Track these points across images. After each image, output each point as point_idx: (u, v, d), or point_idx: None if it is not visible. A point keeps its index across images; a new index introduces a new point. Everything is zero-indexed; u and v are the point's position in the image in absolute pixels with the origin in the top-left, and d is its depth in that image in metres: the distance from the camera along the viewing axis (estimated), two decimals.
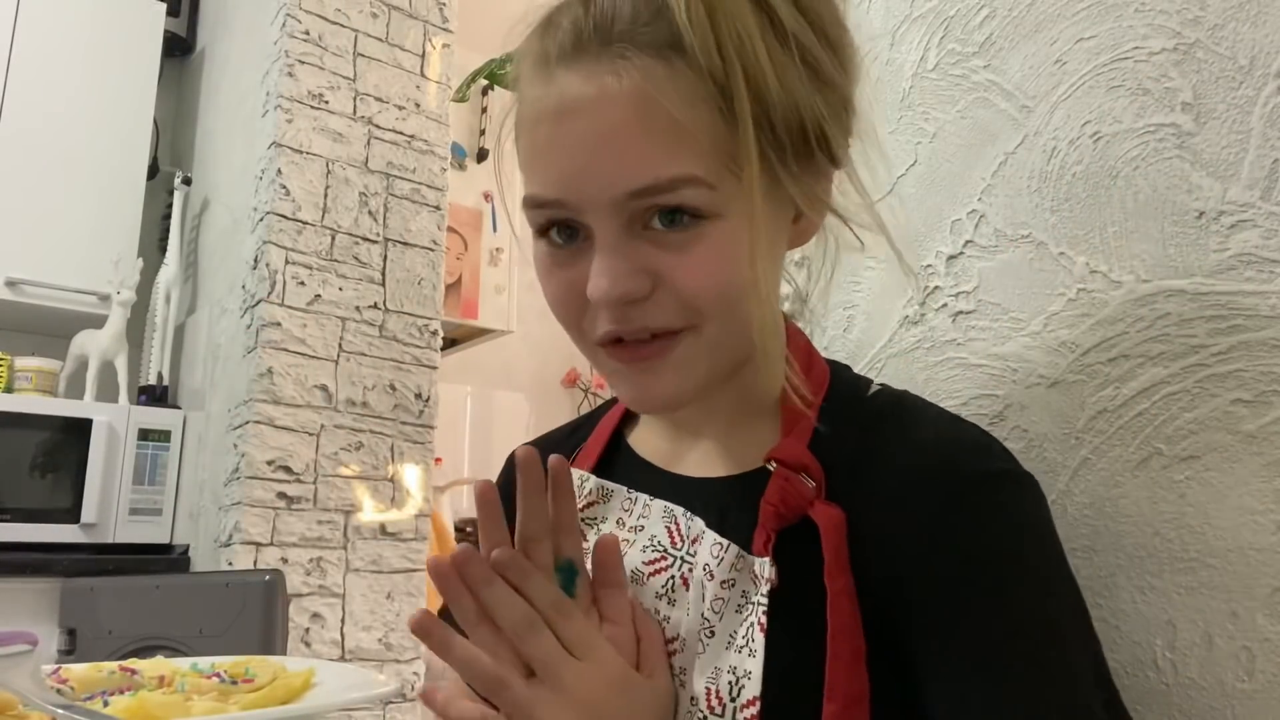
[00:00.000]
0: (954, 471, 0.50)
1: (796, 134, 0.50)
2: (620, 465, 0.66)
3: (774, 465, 0.53)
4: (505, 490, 0.70)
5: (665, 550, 0.57)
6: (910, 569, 0.49)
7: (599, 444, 0.67)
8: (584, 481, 0.64)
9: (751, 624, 0.51)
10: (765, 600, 0.50)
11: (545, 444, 0.74)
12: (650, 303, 0.51)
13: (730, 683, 0.50)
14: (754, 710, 0.49)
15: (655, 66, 0.47)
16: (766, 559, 0.51)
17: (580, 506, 0.63)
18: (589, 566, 0.55)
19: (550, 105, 0.50)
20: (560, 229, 0.52)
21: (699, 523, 0.56)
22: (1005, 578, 0.48)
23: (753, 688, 0.49)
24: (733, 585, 0.53)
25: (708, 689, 0.51)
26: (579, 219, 0.51)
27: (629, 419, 0.69)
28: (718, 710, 0.50)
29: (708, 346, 0.52)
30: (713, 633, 0.53)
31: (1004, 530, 0.49)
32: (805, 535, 0.51)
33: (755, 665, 0.49)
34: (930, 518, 0.49)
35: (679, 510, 0.58)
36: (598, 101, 0.48)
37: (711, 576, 0.53)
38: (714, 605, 0.53)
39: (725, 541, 0.54)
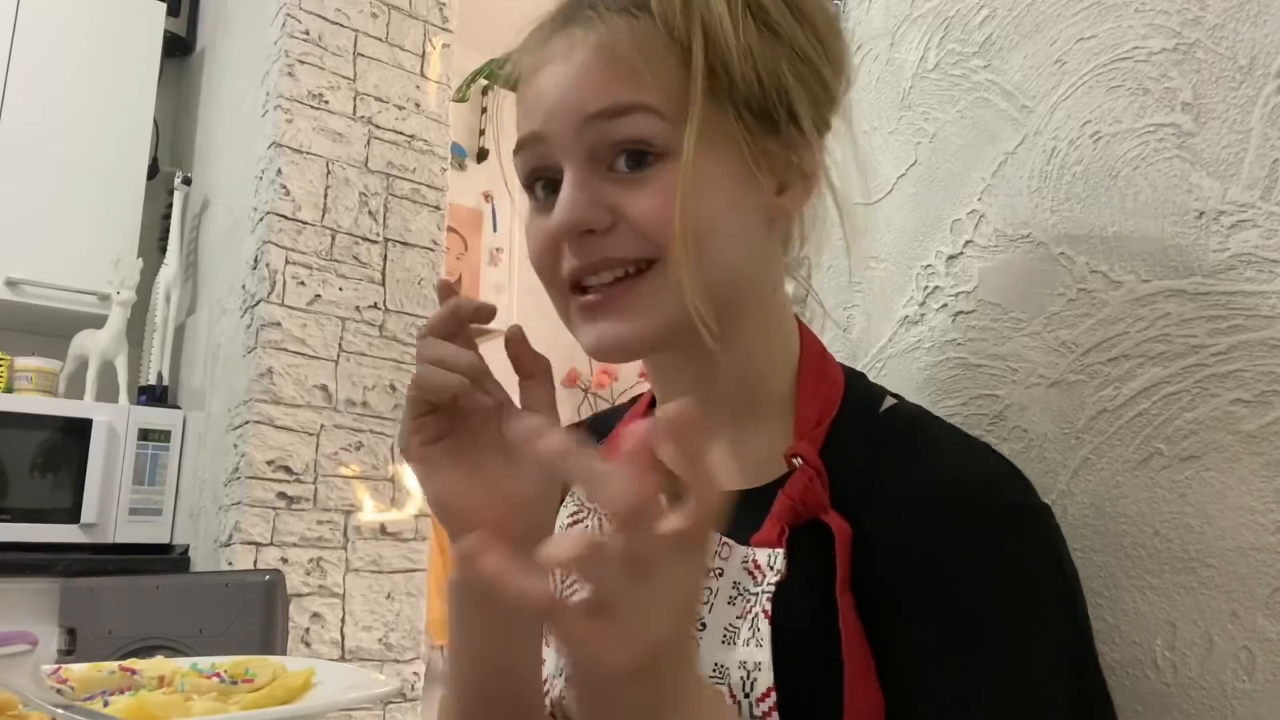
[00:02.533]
0: (969, 502, 0.50)
1: (757, 93, 0.53)
2: None
3: (799, 461, 0.53)
4: None
5: None
6: (912, 593, 0.49)
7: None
8: None
9: (755, 614, 0.51)
10: (771, 588, 0.51)
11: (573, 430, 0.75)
12: (610, 236, 0.53)
13: (742, 678, 0.50)
14: (771, 702, 0.49)
15: (619, 20, 0.53)
16: (780, 550, 0.51)
17: None
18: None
19: (533, 65, 0.56)
20: (544, 184, 0.56)
21: None
22: (999, 617, 0.48)
23: (765, 679, 0.49)
24: (720, 575, 0.53)
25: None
26: (552, 159, 0.55)
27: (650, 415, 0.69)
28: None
29: (668, 289, 0.53)
30: (703, 625, 0.52)
31: (1011, 568, 0.49)
32: (809, 537, 0.51)
33: (764, 655, 0.49)
34: (939, 545, 0.49)
35: None
36: (568, 50, 0.54)
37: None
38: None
39: (721, 538, 0.54)
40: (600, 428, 0.71)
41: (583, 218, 0.53)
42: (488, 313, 0.53)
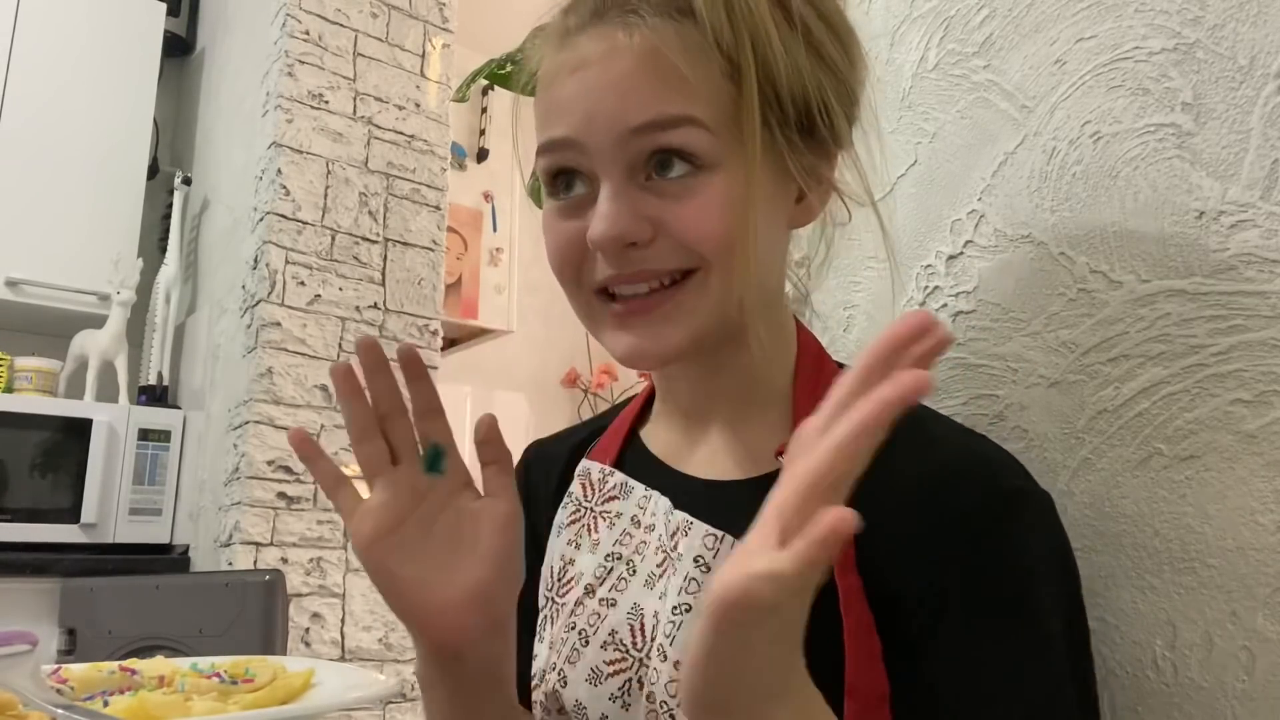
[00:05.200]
0: (970, 487, 0.51)
1: (800, 107, 0.53)
2: (632, 460, 0.66)
3: (782, 460, 0.53)
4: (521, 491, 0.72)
5: (665, 549, 0.58)
6: (918, 578, 0.50)
7: (618, 437, 0.68)
8: (607, 476, 0.65)
9: None
10: None
11: (564, 437, 0.75)
12: (651, 248, 0.53)
13: None
14: None
15: (664, 25, 0.51)
16: None
17: (602, 500, 0.64)
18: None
19: (566, 63, 0.53)
20: (568, 182, 0.55)
21: (679, 515, 0.57)
22: (1009, 600, 0.49)
23: None
24: None
25: None
26: (586, 166, 0.53)
27: (644, 414, 0.69)
28: None
29: (709, 298, 0.53)
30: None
31: (1014, 551, 0.50)
32: None
33: None
34: (944, 530, 0.50)
35: (666, 503, 0.59)
36: (608, 54, 0.52)
37: (707, 569, 0.54)
38: None
39: (719, 533, 0.54)
40: (598, 426, 0.72)
41: (626, 231, 0.52)
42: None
